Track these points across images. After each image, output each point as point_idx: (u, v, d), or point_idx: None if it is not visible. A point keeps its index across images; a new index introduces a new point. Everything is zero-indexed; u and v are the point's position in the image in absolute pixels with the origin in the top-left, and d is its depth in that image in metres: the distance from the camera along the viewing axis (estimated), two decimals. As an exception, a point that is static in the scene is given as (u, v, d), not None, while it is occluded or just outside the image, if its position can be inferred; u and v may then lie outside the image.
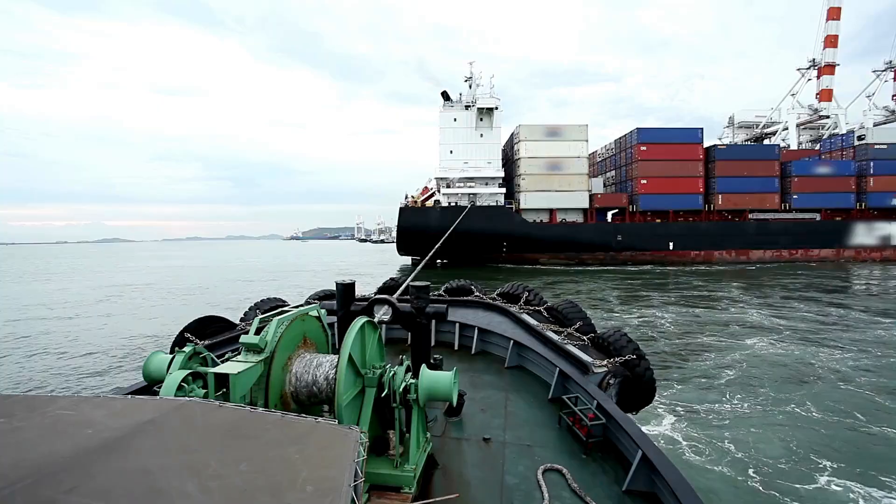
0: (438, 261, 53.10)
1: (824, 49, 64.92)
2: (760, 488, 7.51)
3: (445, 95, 59.04)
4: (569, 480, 3.62)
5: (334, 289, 5.14)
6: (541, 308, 7.76)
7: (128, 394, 3.73)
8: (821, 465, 8.21)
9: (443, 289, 9.08)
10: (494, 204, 55.06)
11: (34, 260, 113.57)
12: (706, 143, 55.80)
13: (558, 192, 54.57)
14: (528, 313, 7.36)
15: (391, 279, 9.23)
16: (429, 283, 4.98)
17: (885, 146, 55.39)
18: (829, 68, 64.94)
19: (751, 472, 7.99)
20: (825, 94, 65.56)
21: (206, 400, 2.55)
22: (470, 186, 55.90)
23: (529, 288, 8.53)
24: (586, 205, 55.21)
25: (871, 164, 55.38)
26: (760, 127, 69.79)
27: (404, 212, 54.08)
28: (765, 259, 54.92)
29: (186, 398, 2.36)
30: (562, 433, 4.49)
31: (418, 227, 52.37)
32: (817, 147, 64.54)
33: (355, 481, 1.73)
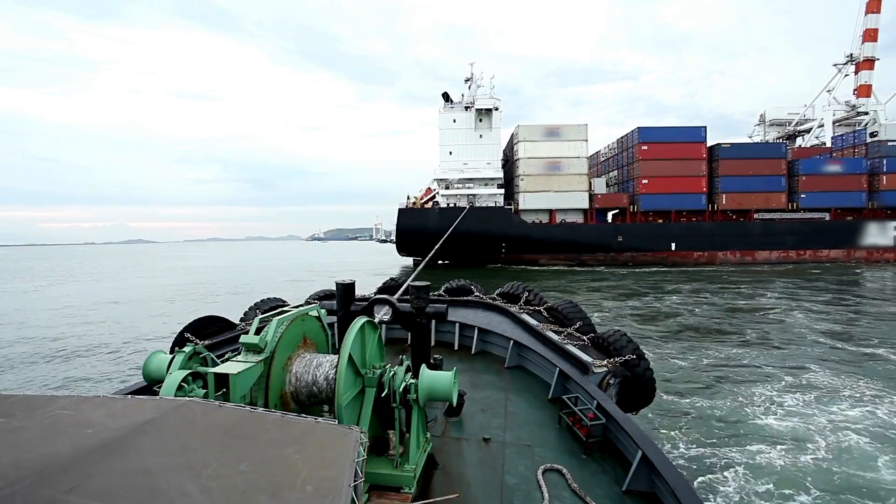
0: (440, 261, 53.41)
1: (863, 43, 62.25)
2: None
3: (446, 96, 59.24)
4: (569, 480, 3.64)
5: (334, 289, 5.16)
6: (541, 308, 7.83)
7: (128, 394, 3.77)
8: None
9: (443, 289, 9.16)
10: (493, 205, 55.06)
11: (70, 260, 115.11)
12: (715, 141, 54.73)
13: (558, 192, 54.21)
14: (528, 313, 7.43)
15: (391, 279, 9.39)
16: (429, 282, 5.00)
17: (899, 143, 53.51)
18: (869, 63, 62.27)
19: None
20: (864, 90, 62.76)
21: (206, 400, 2.55)
22: (469, 187, 56.02)
23: (529, 288, 8.61)
24: (586, 205, 54.73)
25: (885, 161, 53.45)
26: (794, 124, 67.80)
27: (403, 213, 54.50)
28: (771, 260, 53.64)
29: (186, 398, 2.36)
30: (562, 433, 4.53)
31: (417, 228, 52.74)
32: (829, 145, 62.74)
33: (355, 481, 1.74)
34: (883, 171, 53.54)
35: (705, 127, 53.99)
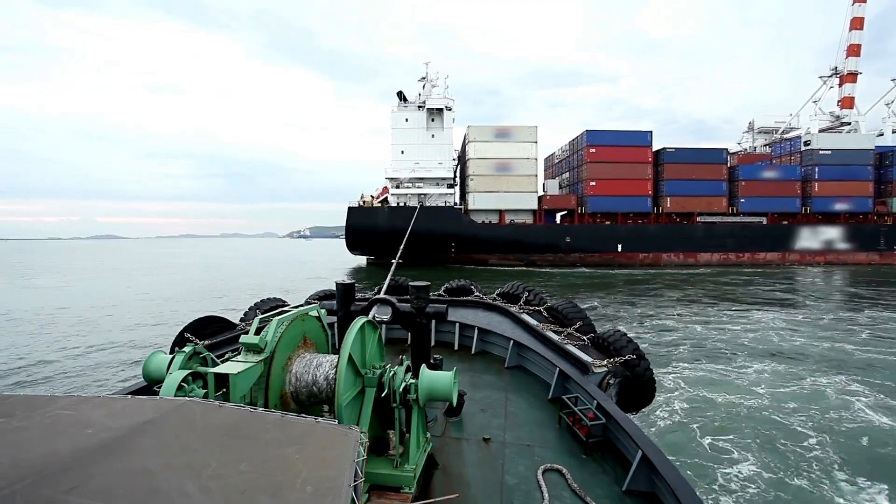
0: (393, 260, 53.04)
1: (847, 57, 65.80)
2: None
3: (401, 95, 58.94)
4: (569, 480, 3.62)
5: (334, 289, 5.16)
6: (541, 308, 7.80)
7: (128, 394, 3.71)
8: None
9: (443, 289, 9.13)
10: (444, 205, 55.05)
11: (39, 257, 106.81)
12: (664, 146, 56.25)
13: (507, 193, 54.66)
14: (528, 313, 7.39)
15: (393, 279, 9.20)
16: (429, 283, 4.96)
17: (829, 152, 56.29)
18: (852, 76, 65.81)
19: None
20: (847, 102, 66.12)
21: (206, 400, 2.54)
22: (419, 187, 55.88)
23: (529, 288, 8.59)
24: (535, 206, 55.38)
25: (816, 169, 56.27)
26: (780, 132, 69.99)
27: (353, 212, 53.86)
28: (712, 262, 55.48)
29: (186, 398, 2.35)
30: (562, 433, 4.50)
31: (367, 226, 52.37)
32: (769, 151, 65.47)
33: (355, 481, 1.72)
34: (815, 178, 56.28)
35: (651, 132, 55.59)
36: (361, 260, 59.17)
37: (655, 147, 56.12)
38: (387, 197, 56.17)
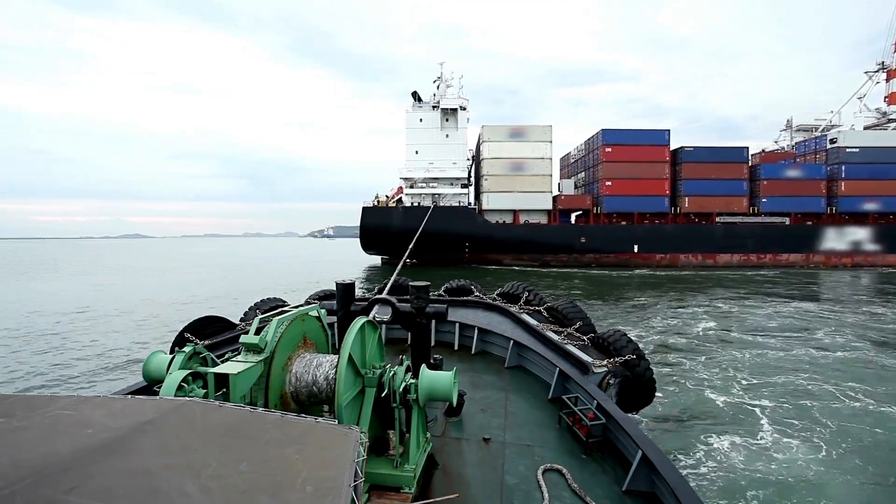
0: (408, 260, 53.39)
1: (895, 52, 63.24)
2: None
3: (416, 96, 59.24)
4: (569, 480, 3.64)
5: (334, 289, 5.16)
6: (541, 308, 7.83)
7: (128, 394, 3.76)
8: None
9: (443, 289, 9.15)
10: (458, 204, 55.14)
11: (80, 255, 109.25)
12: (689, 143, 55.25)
13: (521, 193, 54.40)
14: (528, 313, 7.42)
15: (398, 278, 9.44)
16: (428, 283, 4.99)
17: (856, 150, 54.27)
18: None
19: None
20: (894, 98, 62.96)
21: (206, 400, 2.55)
22: (433, 187, 56.06)
23: (529, 288, 8.60)
24: (549, 206, 54.98)
25: (843, 167, 54.33)
26: (820, 130, 66.91)
27: (367, 211, 54.38)
28: (732, 263, 54.15)
29: (186, 398, 2.37)
30: (562, 433, 4.52)
31: (381, 226, 52.77)
32: (793, 150, 63.52)
33: (355, 481, 1.73)
34: (841, 177, 54.35)
35: (669, 130, 54.58)
36: (379, 259, 59.67)
37: (673, 146, 55.14)
38: (401, 197, 56.58)
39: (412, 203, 55.32)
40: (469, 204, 56.07)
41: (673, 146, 55.04)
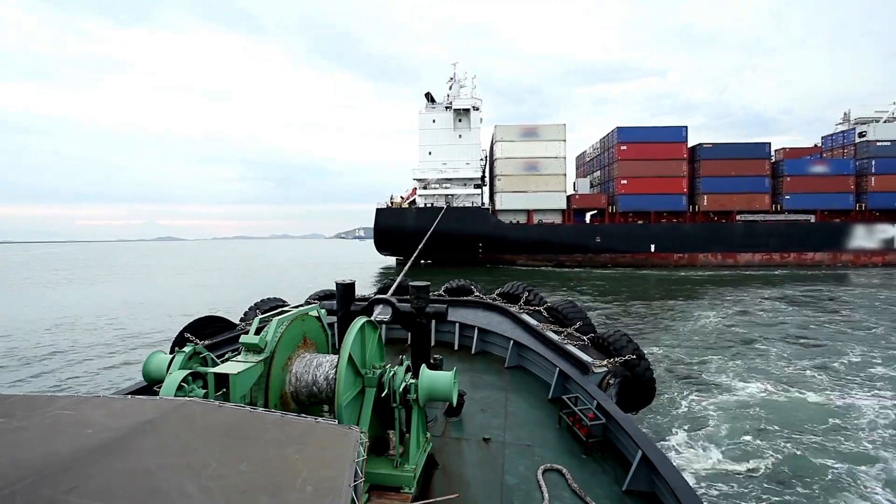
0: (423, 261, 53.77)
1: None
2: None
3: (429, 97, 59.50)
4: (569, 480, 3.64)
5: (334, 289, 5.19)
6: (541, 308, 7.89)
7: (128, 394, 3.79)
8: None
9: (443, 289, 9.20)
10: (471, 205, 55.17)
11: (133, 258, 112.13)
12: (691, 142, 53.99)
13: (535, 192, 54.04)
14: (528, 313, 7.47)
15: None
16: (428, 282, 5.01)
17: (888, 143, 51.96)
18: None
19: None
20: None
21: (206, 400, 2.56)
22: (446, 187, 56.21)
23: (529, 288, 8.66)
24: (564, 206, 54.47)
25: (873, 162, 52.08)
26: (882, 122, 62.32)
27: (381, 212, 54.94)
28: (753, 262, 52.60)
29: (186, 398, 2.37)
30: (562, 433, 4.53)
31: (395, 227, 53.20)
32: (819, 145, 61.19)
33: (355, 481, 1.74)
34: (871, 172, 52.14)
35: (686, 127, 53.28)
36: (394, 260, 60.17)
37: (698, 141, 53.88)
38: (415, 198, 56.94)
39: (426, 204, 55.61)
40: (483, 204, 56.05)
41: (693, 142, 53.87)
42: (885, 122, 58.93)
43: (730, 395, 11.56)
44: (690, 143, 53.75)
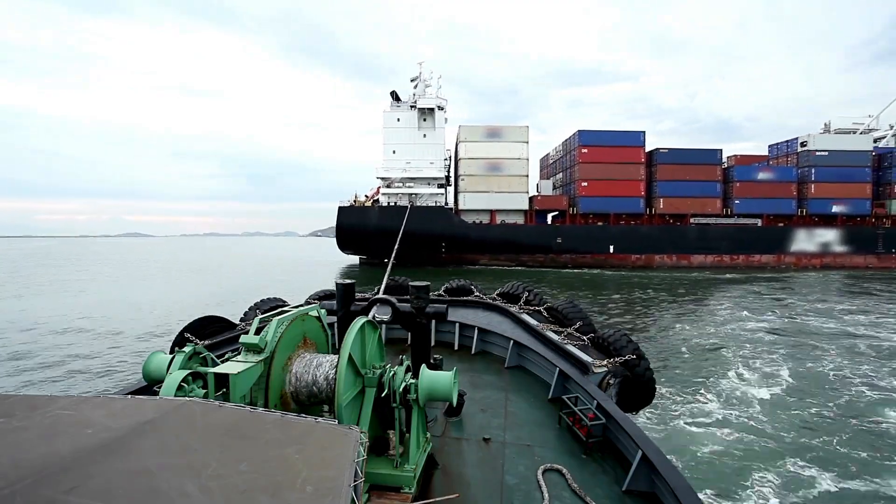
0: (385, 259, 53.07)
1: None
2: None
3: (395, 95, 58.95)
4: (569, 480, 3.63)
5: (334, 289, 5.21)
6: (541, 308, 7.81)
7: (128, 394, 3.74)
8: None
9: (443, 289, 9.15)
10: (434, 204, 54.98)
11: (101, 253, 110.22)
12: (649, 147, 55.83)
13: (498, 193, 54.50)
14: (528, 313, 7.40)
15: (393, 279, 8.99)
16: (428, 283, 4.97)
17: (826, 153, 55.54)
18: None
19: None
20: None
21: (206, 400, 2.57)
22: (410, 186, 55.84)
23: (529, 288, 8.58)
24: (526, 206, 55.14)
25: (813, 170, 55.55)
26: (859, 133, 65.68)
27: (344, 211, 53.95)
28: (706, 264, 54.88)
29: (186, 398, 2.38)
30: (562, 433, 4.51)
31: (357, 226, 52.46)
32: (766, 153, 64.67)
33: (355, 481, 1.73)
34: (811, 179, 55.54)
35: (644, 132, 55.12)
36: (357, 259, 59.22)
37: (653, 146, 55.79)
38: (378, 197, 56.25)
39: (389, 203, 55.04)
40: (446, 204, 55.97)
41: (653, 147, 55.74)
42: (822, 133, 63.00)
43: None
44: (649, 148, 55.60)
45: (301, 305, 4.36)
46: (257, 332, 3.27)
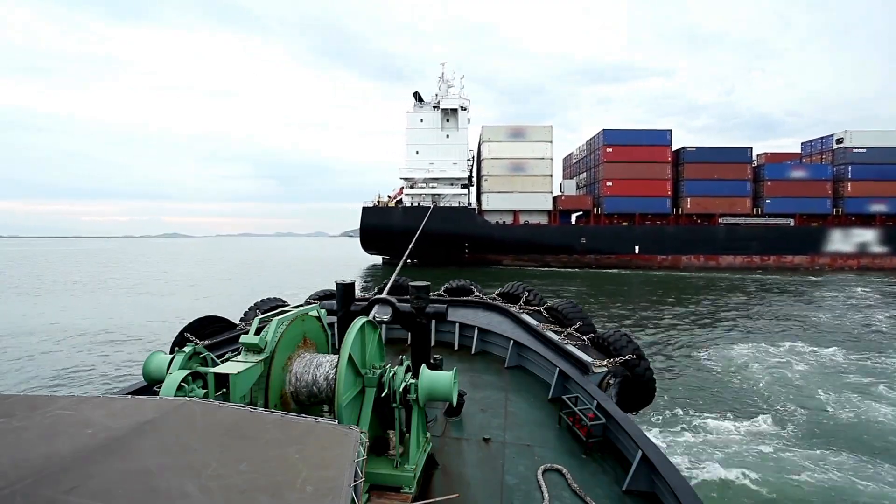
0: (409, 260, 53.43)
1: None
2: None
3: (417, 96, 59.25)
4: (569, 480, 3.64)
5: (334, 289, 5.17)
6: (541, 308, 7.87)
7: (128, 394, 3.77)
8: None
9: (443, 289, 9.19)
10: (458, 205, 55.11)
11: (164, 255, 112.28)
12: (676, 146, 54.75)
13: (521, 193, 54.24)
14: (528, 313, 7.45)
15: (398, 278, 9.40)
16: (428, 283, 4.99)
17: (863, 150, 53.41)
18: None
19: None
20: None
21: (206, 400, 2.56)
22: (433, 187, 56.08)
23: (529, 288, 8.64)
24: (549, 206, 54.74)
25: (850, 168, 53.49)
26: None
27: (367, 211, 54.54)
28: (735, 265, 53.52)
29: (186, 398, 2.37)
30: (562, 433, 4.52)
31: (381, 226, 52.93)
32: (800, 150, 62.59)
33: (355, 481, 1.73)
34: (848, 177, 53.50)
35: (671, 130, 54.08)
36: (380, 259, 59.80)
37: (677, 145, 54.67)
38: (401, 197, 56.68)
39: (412, 203, 55.40)
40: (469, 204, 56.04)
41: (679, 145, 54.67)
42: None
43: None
44: (676, 146, 54.51)
45: (301, 305, 4.36)
46: (257, 332, 3.26)
